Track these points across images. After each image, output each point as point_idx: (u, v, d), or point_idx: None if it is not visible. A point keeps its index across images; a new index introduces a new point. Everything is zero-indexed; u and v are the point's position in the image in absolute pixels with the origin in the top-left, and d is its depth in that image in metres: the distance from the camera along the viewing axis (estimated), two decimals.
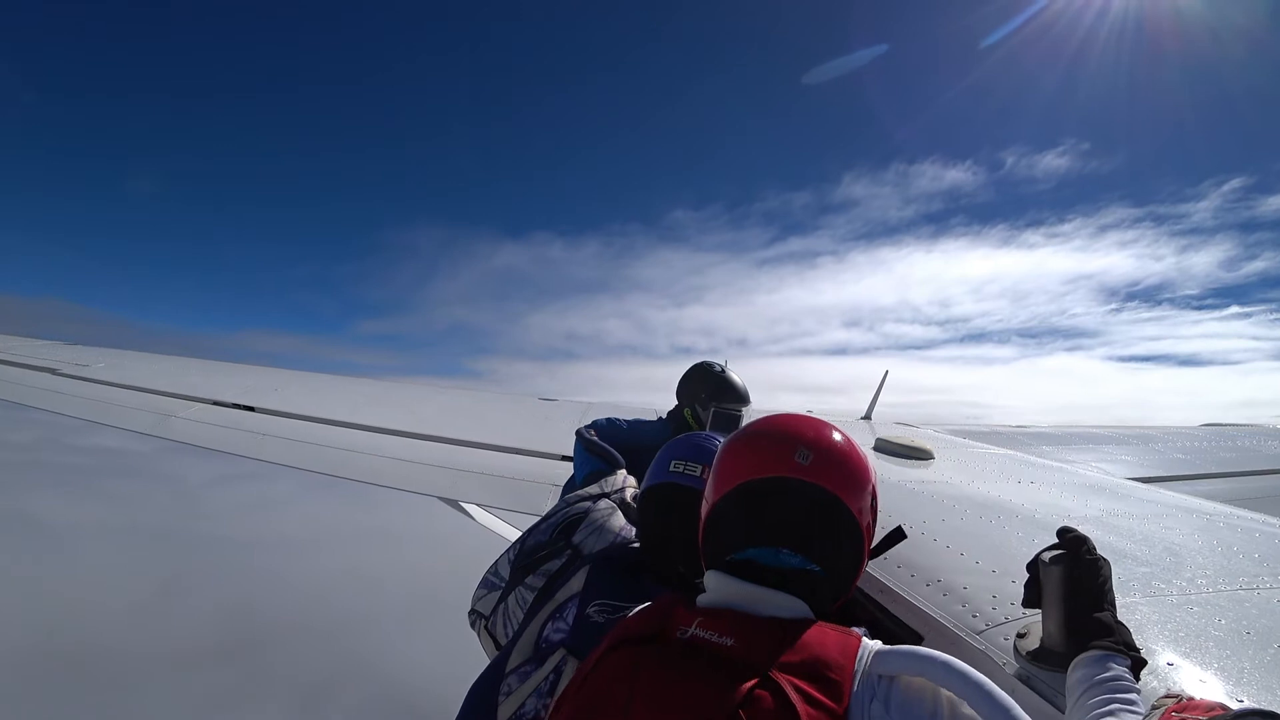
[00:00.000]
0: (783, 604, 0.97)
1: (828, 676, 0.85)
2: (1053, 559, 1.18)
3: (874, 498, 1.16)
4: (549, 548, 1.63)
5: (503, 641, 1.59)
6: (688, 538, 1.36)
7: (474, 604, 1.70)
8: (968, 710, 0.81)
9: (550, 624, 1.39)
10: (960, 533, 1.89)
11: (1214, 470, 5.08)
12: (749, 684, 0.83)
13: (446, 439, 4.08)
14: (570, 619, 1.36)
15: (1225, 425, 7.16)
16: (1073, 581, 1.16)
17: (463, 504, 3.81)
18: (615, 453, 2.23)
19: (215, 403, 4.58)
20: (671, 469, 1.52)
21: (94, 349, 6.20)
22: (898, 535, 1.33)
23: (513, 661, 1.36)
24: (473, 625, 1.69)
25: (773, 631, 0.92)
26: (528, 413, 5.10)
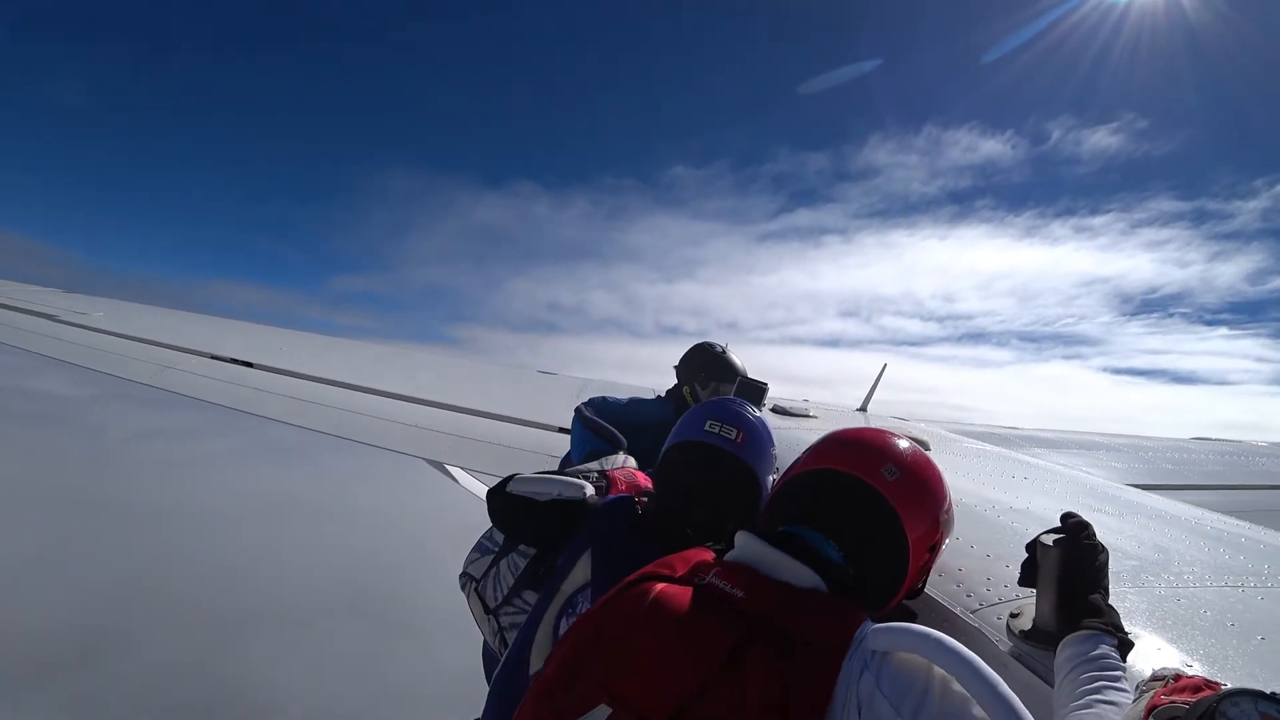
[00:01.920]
0: (798, 573, 1.02)
1: (823, 643, 0.88)
2: (1053, 542, 1.22)
3: (937, 542, 1.27)
4: None
5: (491, 604, 1.58)
6: (710, 497, 1.43)
7: (466, 567, 1.69)
8: (958, 687, 0.82)
9: (564, 620, 1.35)
10: (956, 519, 1.91)
11: (1202, 482, 5.15)
12: (746, 631, 0.89)
13: (447, 405, 4.10)
14: None
15: (1215, 440, 7.23)
16: (1069, 564, 1.19)
17: (447, 467, 3.84)
18: (617, 432, 2.19)
19: (214, 357, 4.58)
20: (707, 428, 1.51)
21: (91, 297, 6.16)
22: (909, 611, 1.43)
23: (535, 662, 1.33)
24: (463, 588, 1.69)
25: (782, 593, 0.97)
26: (527, 384, 5.16)
